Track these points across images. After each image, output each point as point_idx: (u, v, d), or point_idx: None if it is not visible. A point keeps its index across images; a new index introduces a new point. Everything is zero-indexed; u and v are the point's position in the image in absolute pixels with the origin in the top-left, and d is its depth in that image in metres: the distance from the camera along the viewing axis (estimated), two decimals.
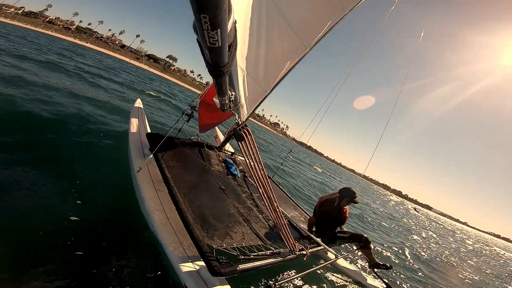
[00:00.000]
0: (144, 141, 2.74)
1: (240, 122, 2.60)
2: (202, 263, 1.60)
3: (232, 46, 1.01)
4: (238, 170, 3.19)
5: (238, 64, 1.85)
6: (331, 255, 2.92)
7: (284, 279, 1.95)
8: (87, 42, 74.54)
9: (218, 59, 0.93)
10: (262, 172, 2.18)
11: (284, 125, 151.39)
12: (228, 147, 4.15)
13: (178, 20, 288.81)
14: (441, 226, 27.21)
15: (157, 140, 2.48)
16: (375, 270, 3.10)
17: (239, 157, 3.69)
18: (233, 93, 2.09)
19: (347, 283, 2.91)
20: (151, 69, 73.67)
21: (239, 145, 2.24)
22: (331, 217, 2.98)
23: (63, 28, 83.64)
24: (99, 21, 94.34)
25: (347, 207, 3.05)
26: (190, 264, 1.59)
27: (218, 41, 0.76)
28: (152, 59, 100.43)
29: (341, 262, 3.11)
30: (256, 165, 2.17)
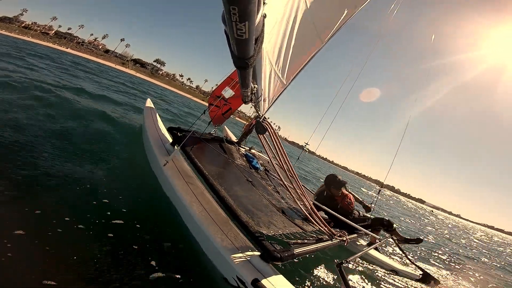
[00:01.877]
0: (163, 137, 2.75)
1: (261, 115, 2.64)
2: (251, 252, 1.54)
3: (259, 40, 1.02)
4: (259, 164, 3.24)
5: (268, 58, 1.90)
6: (360, 243, 2.92)
7: (349, 258, 1.81)
8: (67, 48, 71.51)
9: (244, 51, 0.94)
10: (288, 162, 2.20)
11: (276, 126, 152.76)
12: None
13: (165, 22, 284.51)
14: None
15: (179, 134, 2.48)
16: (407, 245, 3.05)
17: (256, 152, 3.74)
18: (256, 86, 2.13)
19: (380, 271, 2.86)
20: (138, 74, 71.84)
21: (259, 138, 2.27)
22: (331, 207, 2.89)
23: (41, 33, 79.86)
24: (79, 25, 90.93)
25: (345, 192, 2.97)
26: (240, 254, 1.51)
27: (246, 33, 0.77)
28: (139, 63, 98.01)
29: (373, 252, 3.03)
30: (281, 156, 2.20)
